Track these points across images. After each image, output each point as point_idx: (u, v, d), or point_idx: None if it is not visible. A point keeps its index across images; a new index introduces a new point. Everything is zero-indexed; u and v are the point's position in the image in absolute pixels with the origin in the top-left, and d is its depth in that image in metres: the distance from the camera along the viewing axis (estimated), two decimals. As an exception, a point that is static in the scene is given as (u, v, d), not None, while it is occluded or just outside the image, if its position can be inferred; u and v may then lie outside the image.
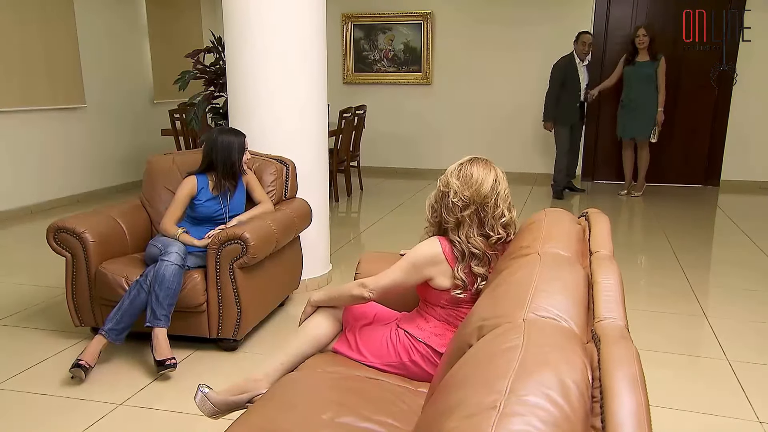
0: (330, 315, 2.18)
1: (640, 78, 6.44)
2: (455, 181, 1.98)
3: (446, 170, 2.06)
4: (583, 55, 6.63)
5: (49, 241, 3.05)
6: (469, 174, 1.97)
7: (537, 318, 1.17)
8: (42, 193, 6.05)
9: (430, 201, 2.10)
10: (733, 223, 5.74)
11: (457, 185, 1.96)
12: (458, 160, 2.07)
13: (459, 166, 2.01)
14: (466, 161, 2.02)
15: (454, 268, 1.96)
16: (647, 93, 6.44)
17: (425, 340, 2.00)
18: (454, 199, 1.96)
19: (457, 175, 1.99)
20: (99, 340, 2.84)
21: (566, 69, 6.61)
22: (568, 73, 6.62)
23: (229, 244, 2.93)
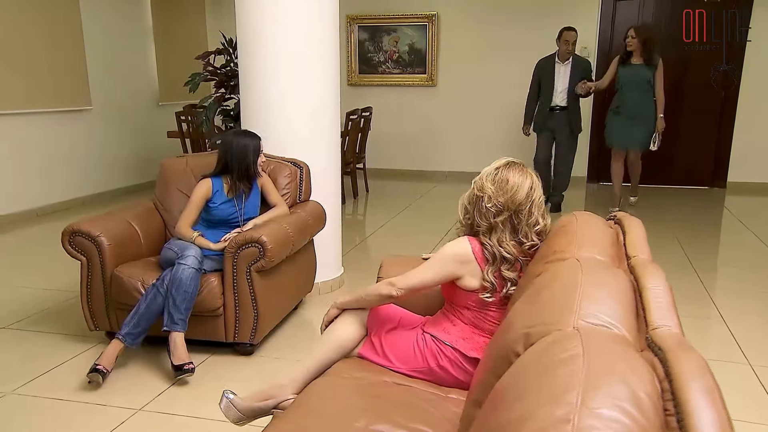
0: (355, 319, 2.16)
1: (636, 82, 5.74)
2: (490, 185, 1.95)
3: (481, 172, 2.03)
4: (567, 54, 5.98)
5: (64, 244, 3.02)
6: (504, 179, 1.94)
7: (588, 325, 1.15)
8: (47, 196, 6.02)
9: (462, 202, 2.08)
10: (742, 225, 5.73)
11: (491, 190, 1.94)
12: (494, 163, 2.04)
13: (495, 171, 1.98)
14: (503, 165, 1.99)
15: (484, 270, 1.94)
16: (644, 99, 5.76)
17: (453, 344, 1.98)
18: (488, 204, 1.94)
19: (492, 179, 1.96)
20: (116, 344, 2.82)
21: (541, 70, 6.14)
22: (543, 75, 6.11)
23: (246, 247, 2.90)
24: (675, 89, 7.34)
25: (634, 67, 5.73)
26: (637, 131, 5.82)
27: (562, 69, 6.01)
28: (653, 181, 7.39)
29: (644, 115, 5.76)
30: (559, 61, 6.01)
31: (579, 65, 6.01)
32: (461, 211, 2.09)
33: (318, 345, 2.14)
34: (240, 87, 3.81)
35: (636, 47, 5.65)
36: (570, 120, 6.09)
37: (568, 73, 5.97)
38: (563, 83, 6.02)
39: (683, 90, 7.36)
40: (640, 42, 5.62)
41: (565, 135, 6.15)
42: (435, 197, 7.18)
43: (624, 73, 5.80)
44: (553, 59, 6.04)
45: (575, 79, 5.95)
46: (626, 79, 5.77)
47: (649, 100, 5.75)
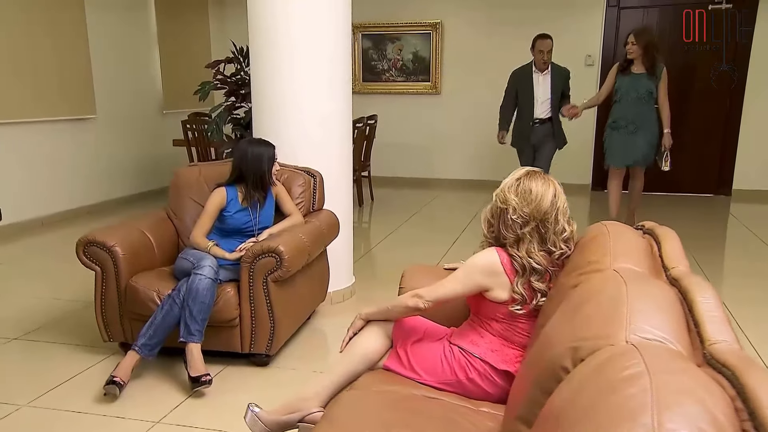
0: (380, 331, 2.13)
1: (637, 92, 5.11)
2: (513, 197, 1.93)
3: (501, 184, 2.02)
4: (542, 64, 5.44)
5: (78, 254, 3.00)
6: (527, 189, 1.93)
7: (642, 340, 1.13)
8: (52, 205, 5.98)
9: (485, 215, 2.06)
10: (751, 233, 5.72)
11: (515, 201, 1.92)
12: (513, 174, 2.03)
13: (516, 182, 1.96)
14: (523, 176, 1.98)
15: (513, 282, 1.92)
16: (645, 111, 5.14)
17: (482, 356, 1.96)
18: (513, 216, 1.92)
19: (515, 191, 1.94)
20: (132, 356, 2.79)
21: (518, 80, 5.60)
22: (520, 86, 5.56)
23: (263, 257, 2.88)
24: (679, 96, 7.36)
25: (634, 77, 5.12)
26: (638, 146, 5.19)
27: (541, 79, 5.50)
28: (657, 189, 7.38)
29: (646, 128, 5.15)
30: (537, 70, 5.51)
31: (559, 74, 5.50)
32: (485, 224, 2.07)
33: (343, 357, 2.12)
34: (252, 95, 3.80)
35: (637, 54, 5.06)
36: (554, 133, 5.56)
37: (548, 83, 5.47)
38: (544, 94, 5.49)
39: (687, 97, 7.36)
40: (641, 48, 5.02)
41: (548, 150, 5.57)
42: (440, 205, 7.16)
43: (623, 83, 5.18)
44: (530, 69, 5.53)
45: (557, 88, 5.47)
46: (626, 89, 5.15)
47: (652, 112, 5.17)
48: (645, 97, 5.10)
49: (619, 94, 5.20)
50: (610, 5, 7.48)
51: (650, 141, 5.19)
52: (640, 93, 5.09)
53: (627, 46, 5.11)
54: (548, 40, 5.40)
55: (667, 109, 5.18)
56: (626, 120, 5.17)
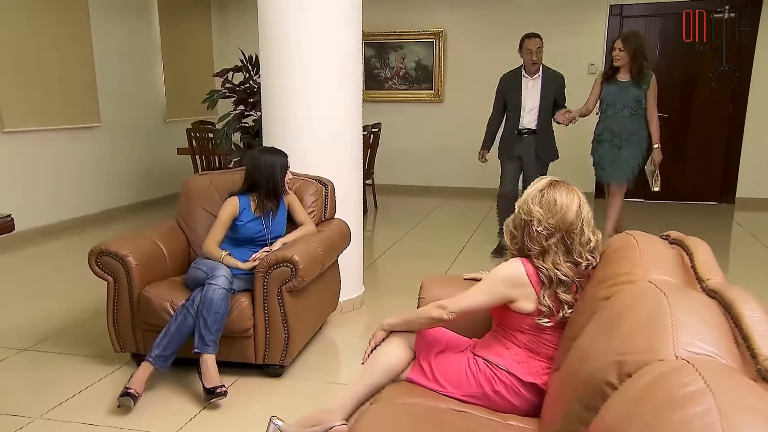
0: (402, 342, 2.11)
1: (624, 102, 4.67)
2: (538, 208, 1.91)
3: (524, 195, 2.00)
4: (533, 66, 4.89)
5: (91, 264, 2.97)
6: (552, 200, 1.91)
7: (692, 355, 1.11)
8: (55, 214, 5.94)
9: (508, 227, 2.04)
10: (758, 241, 5.72)
11: (540, 213, 1.90)
12: (534, 184, 2.01)
13: (540, 193, 1.94)
14: (547, 186, 1.96)
15: (539, 294, 1.90)
16: (633, 123, 4.68)
17: (508, 368, 1.93)
18: (538, 228, 1.90)
19: (539, 202, 1.92)
20: (146, 367, 2.76)
21: (506, 86, 5.09)
22: (508, 92, 5.05)
23: (277, 267, 2.86)
24: (681, 104, 7.39)
25: (621, 85, 4.69)
26: (623, 160, 4.74)
27: (530, 84, 4.94)
28: (659, 197, 7.36)
29: (634, 142, 4.71)
30: (527, 75, 4.96)
31: (551, 80, 4.94)
32: (508, 236, 2.05)
33: (365, 369, 2.10)
34: (262, 103, 3.79)
35: (624, 61, 4.62)
36: (541, 146, 4.98)
37: (538, 89, 4.92)
38: (533, 101, 4.93)
39: (690, 104, 7.39)
40: (628, 55, 4.59)
41: (534, 164, 4.97)
42: (443, 214, 7.15)
43: (609, 93, 4.74)
44: (520, 73, 4.99)
45: (547, 96, 4.92)
46: (612, 99, 4.72)
47: (640, 124, 4.70)
48: (632, 107, 4.67)
49: (604, 105, 4.79)
50: (612, 14, 7.50)
51: (633, 154, 4.73)
52: (626, 103, 4.66)
53: (613, 52, 4.70)
54: (536, 38, 4.91)
55: (656, 120, 4.73)
56: (612, 132, 4.75)
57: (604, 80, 4.80)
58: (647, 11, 7.41)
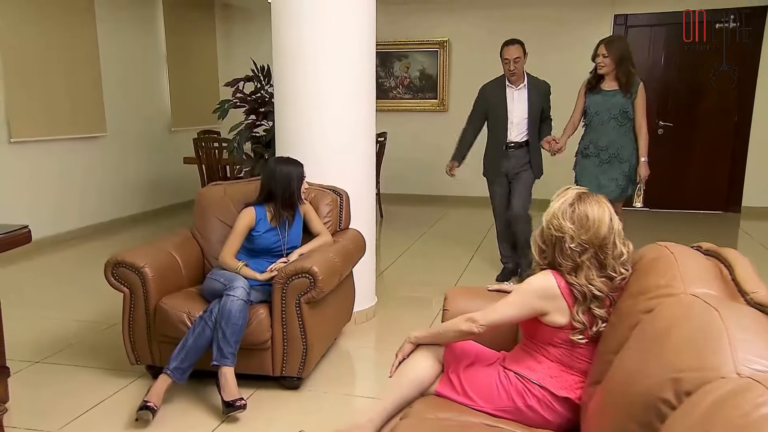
0: (430, 355, 2.08)
1: (609, 113, 4.26)
2: (569, 224, 1.87)
3: (551, 209, 1.94)
4: (513, 76, 4.49)
5: (107, 275, 2.94)
6: (584, 216, 1.87)
7: (755, 372, 1.09)
8: (61, 224, 5.90)
9: (536, 242, 2.00)
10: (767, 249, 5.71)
11: (572, 229, 1.86)
12: (561, 197, 1.95)
13: (571, 208, 1.89)
14: (575, 199, 1.91)
15: (572, 309, 1.87)
16: (620, 135, 4.27)
17: (540, 382, 1.91)
18: (571, 245, 1.85)
19: (570, 217, 1.87)
20: (164, 379, 2.72)
21: (487, 98, 4.63)
22: (491, 104, 4.59)
23: (296, 278, 2.83)
24: (687, 113, 7.40)
25: (606, 95, 4.27)
26: (609, 177, 4.31)
27: (516, 95, 4.53)
28: (665, 206, 7.38)
29: (620, 156, 4.29)
30: (510, 85, 4.55)
31: (537, 89, 4.54)
32: (536, 251, 2.01)
33: (394, 382, 2.07)
34: (275, 113, 3.77)
35: (609, 68, 4.21)
36: (531, 159, 4.58)
37: (525, 100, 4.51)
38: (520, 113, 4.52)
39: (696, 112, 7.39)
40: (614, 61, 4.18)
41: (523, 183, 4.58)
42: (450, 223, 7.13)
43: (593, 103, 4.33)
44: (503, 83, 4.58)
45: (535, 106, 4.52)
46: (596, 109, 4.31)
47: (628, 136, 4.29)
48: (619, 119, 4.25)
49: (589, 116, 4.38)
50: (617, 23, 7.52)
51: (623, 171, 4.30)
52: (612, 113, 4.24)
53: (597, 59, 4.25)
54: (514, 46, 4.49)
55: (645, 132, 4.28)
56: (597, 147, 4.33)
57: (588, 90, 4.38)
58: (652, 21, 7.43)
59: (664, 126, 7.44)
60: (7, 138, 5.29)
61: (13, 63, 5.28)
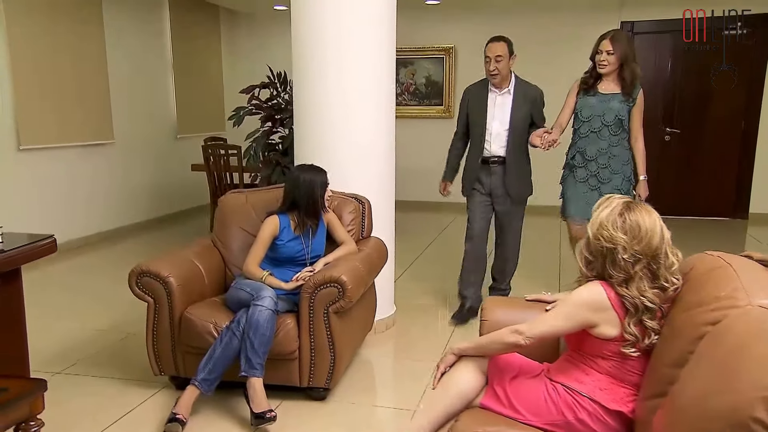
0: (474, 366, 2.04)
1: (604, 120, 3.66)
2: (621, 235, 1.82)
3: (598, 219, 1.89)
4: (492, 78, 3.84)
5: (131, 285, 2.89)
6: (636, 226, 1.82)
7: None
8: (69, 232, 5.84)
9: (582, 253, 1.95)
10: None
11: (624, 240, 1.82)
12: (606, 206, 1.90)
13: (621, 218, 1.85)
14: (624, 208, 1.86)
15: (623, 320, 1.83)
16: (615, 145, 3.69)
17: (590, 395, 1.87)
18: (624, 256, 1.81)
19: (621, 228, 1.83)
20: (191, 391, 2.68)
21: (470, 101, 4.04)
22: (472, 109, 3.99)
23: (324, 287, 2.79)
24: (695, 120, 7.40)
25: (602, 98, 3.68)
26: (598, 192, 3.67)
27: (499, 100, 3.87)
28: (671, 212, 7.34)
29: (614, 170, 3.71)
30: (494, 88, 3.89)
31: (524, 95, 3.87)
32: (582, 262, 1.96)
33: (438, 395, 2.02)
34: (294, 119, 3.74)
35: (612, 68, 3.63)
36: (512, 179, 3.91)
37: (509, 107, 3.85)
38: (501, 122, 3.85)
39: (704, 120, 7.39)
40: (619, 58, 3.60)
41: (507, 201, 3.96)
42: (458, 230, 7.05)
43: (586, 106, 3.72)
44: (486, 86, 3.94)
45: (520, 115, 3.83)
46: (588, 114, 3.71)
47: (623, 148, 3.72)
48: (612, 128, 3.68)
49: (579, 122, 3.78)
50: (624, 30, 7.52)
51: (619, 188, 3.70)
52: (606, 121, 3.67)
53: (599, 56, 3.64)
54: (498, 43, 3.82)
55: (642, 146, 3.74)
56: (585, 157, 3.75)
57: (582, 90, 3.78)
58: (658, 27, 7.44)
59: (671, 132, 7.45)
60: (16, 145, 5.23)
61: (23, 71, 5.23)
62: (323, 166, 3.27)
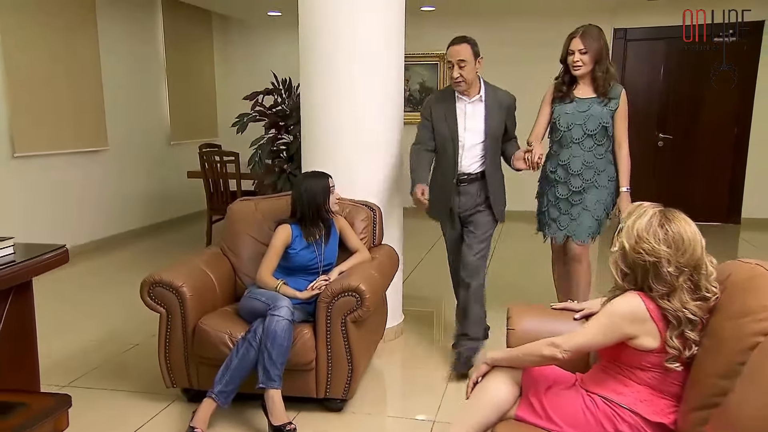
0: (508, 377, 2.01)
1: (586, 128, 3.30)
2: (665, 248, 1.78)
3: (632, 231, 1.84)
4: (456, 86, 3.28)
5: (143, 296, 2.83)
6: (679, 238, 1.79)
7: None
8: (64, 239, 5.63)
9: (617, 266, 1.90)
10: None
11: (668, 253, 1.78)
12: (640, 216, 1.85)
13: (662, 229, 1.80)
14: (663, 219, 1.82)
15: (665, 334, 1.80)
16: (596, 156, 3.33)
17: (631, 407, 1.83)
18: (669, 269, 1.77)
19: (664, 240, 1.79)
20: (208, 403, 2.62)
21: (434, 112, 3.41)
22: (437, 119, 3.39)
23: (341, 296, 2.75)
24: (687, 126, 7.46)
25: (580, 104, 3.31)
26: (583, 211, 3.37)
27: (469, 110, 3.32)
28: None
29: (596, 183, 3.36)
30: (462, 97, 3.32)
31: (498, 103, 3.34)
32: (618, 274, 1.91)
33: (473, 405, 1.99)
34: (302, 126, 3.70)
35: (587, 68, 3.27)
36: (495, 196, 3.38)
37: (481, 118, 3.31)
38: (476, 133, 3.31)
39: (696, 126, 7.45)
40: (592, 58, 3.25)
41: (482, 228, 3.37)
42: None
43: (564, 115, 3.35)
44: (453, 96, 3.35)
45: (495, 124, 3.32)
46: (568, 123, 3.34)
47: (605, 158, 3.36)
48: (596, 137, 3.31)
49: (558, 132, 3.40)
50: (617, 37, 7.58)
51: (600, 203, 3.37)
52: (589, 129, 3.30)
53: (571, 56, 3.29)
54: (458, 45, 3.24)
55: (626, 154, 3.36)
56: (568, 171, 3.38)
57: (556, 97, 3.42)
58: (651, 35, 7.50)
59: (664, 138, 7.51)
60: (10, 153, 5.13)
61: (17, 78, 5.14)
62: (331, 171, 3.21)
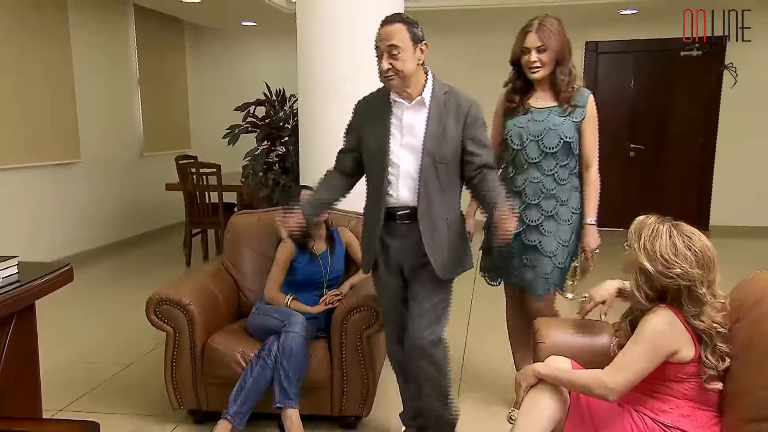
0: (558, 390, 1.97)
1: (543, 145, 2.61)
2: (698, 271, 1.77)
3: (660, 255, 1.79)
4: (388, 79, 2.23)
5: (149, 314, 2.72)
6: (705, 256, 1.78)
7: None
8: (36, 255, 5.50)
9: (640, 287, 1.87)
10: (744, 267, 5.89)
11: (701, 275, 1.77)
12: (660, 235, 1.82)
13: (691, 252, 1.78)
14: (686, 238, 1.80)
15: (699, 350, 1.80)
16: (557, 180, 2.65)
17: (675, 425, 1.81)
18: (703, 290, 1.77)
19: (696, 262, 1.77)
20: (224, 425, 2.54)
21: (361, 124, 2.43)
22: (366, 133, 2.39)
23: (357, 311, 2.70)
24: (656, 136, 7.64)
25: (537, 114, 2.64)
26: (541, 257, 2.67)
27: (407, 117, 2.31)
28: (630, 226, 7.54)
29: (562, 219, 2.68)
30: (399, 99, 2.30)
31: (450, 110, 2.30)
32: (641, 295, 1.88)
33: (529, 418, 1.92)
34: (300, 138, 3.63)
35: (547, 71, 2.59)
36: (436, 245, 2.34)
37: (422, 127, 2.28)
38: (413, 150, 2.29)
39: (664, 136, 7.63)
40: (552, 58, 2.57)
41: (425, 279, 2.38)
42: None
43: (516, 129, 2.67)
44: (386, 98, 2.33)
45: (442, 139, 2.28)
46: (522, 139, 2.65)
47: (569, 183, 2.68)
48: (559, 155, 2.62)
49: (511, 152, 2.70)
50: (588, 50, 7.71)
51: (563, 241, 2.67)
52: (548, 147, 2.61)
53: (527, 56, 2.59)
54: (390, 26, 2.21)
55: (595, 174, 2.69)
56: (526, 201, 2.68)
57: (507, 108, 2.73)
58: (621, 48, 7.67)
59: (636, 149, 7.68)
60: (-19, 166, 4.92)
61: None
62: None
